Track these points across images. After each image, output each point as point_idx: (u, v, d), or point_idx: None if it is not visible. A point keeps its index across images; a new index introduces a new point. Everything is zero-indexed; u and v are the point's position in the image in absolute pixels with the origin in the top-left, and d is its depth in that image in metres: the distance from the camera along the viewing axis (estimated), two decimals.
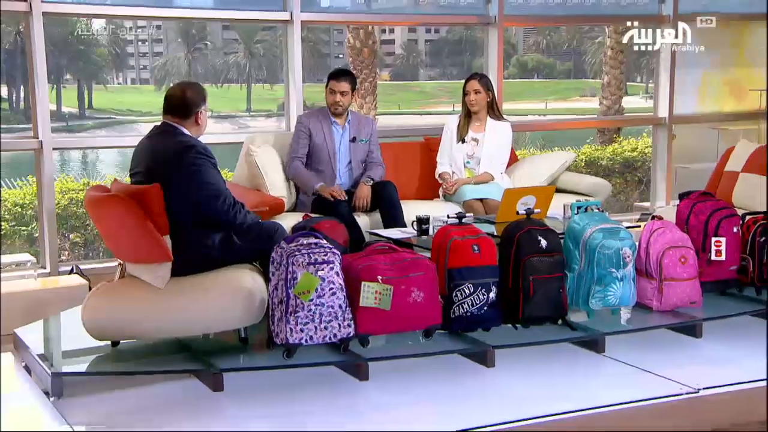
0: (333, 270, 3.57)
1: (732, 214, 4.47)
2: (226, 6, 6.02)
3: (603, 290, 4.07)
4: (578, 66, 31.50)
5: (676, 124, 7.33)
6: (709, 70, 7.54)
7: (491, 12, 6.58)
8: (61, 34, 23.88)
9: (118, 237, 3.88)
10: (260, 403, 3.51)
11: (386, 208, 5.21)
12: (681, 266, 4.19)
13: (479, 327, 3.92)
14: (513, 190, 4.99)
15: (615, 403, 3.51)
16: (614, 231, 4.12)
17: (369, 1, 6.70)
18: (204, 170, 3.83)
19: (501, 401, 3.53)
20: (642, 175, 9.64)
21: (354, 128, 5.49)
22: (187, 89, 3.99)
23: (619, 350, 4.03)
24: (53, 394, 3.54)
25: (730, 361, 3.98)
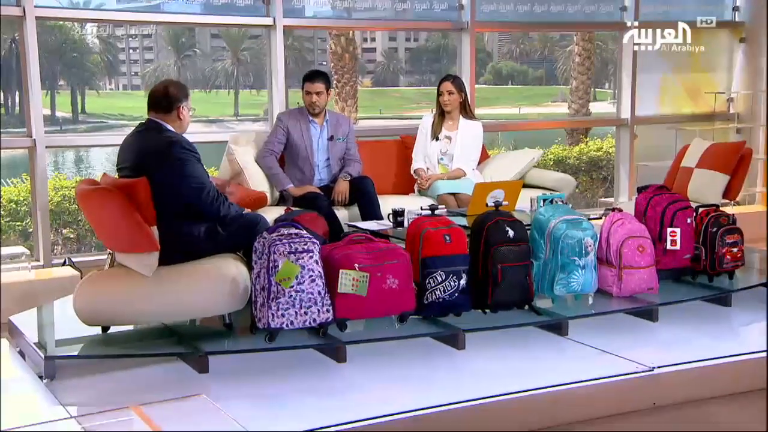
0: (312, 258, 3.59)
1: (686, 207, 4.50)
2: (213, 12, 6.01)
3: (566, 277, 4.11)
4: (550, 73, 31.67)
5: (638, 125, 7.36)
6: (668, 74, 7.58)
7: (464, 18, 6.59)
8: (56, 42, 23.74)
9: (107, 228, 3.87)
10: (244, 385, 3.51)
11: (364, 202, 5.23)
12: (639, 255, 4.22)
13: (451, 312, 3.94)
14: (483, 184, 5.01)
15: (577, 381, 3.53)
16: (577, 222, 4.16)
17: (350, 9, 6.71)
18: (188, 164, 3.82)
19: (471, 381, 3.56)
20: (606, 173, 9.66)
21: (332, 127, 5.49)
22: (169, 86, 4.00)
23: (581, 333, 4.05)
24: (46, 377, 3.55)
25: (683, 342, 4.03)
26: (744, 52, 7.67)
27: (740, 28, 7.64)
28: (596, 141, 10.68)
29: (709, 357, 3.80)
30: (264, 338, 3.61)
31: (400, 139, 6.13)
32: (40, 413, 3.29)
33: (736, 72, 7.74)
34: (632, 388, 3.61)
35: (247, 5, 6.00)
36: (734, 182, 5.75)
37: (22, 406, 3.39)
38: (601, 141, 10.52)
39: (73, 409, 3.28)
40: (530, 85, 32.88)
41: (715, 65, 7.74)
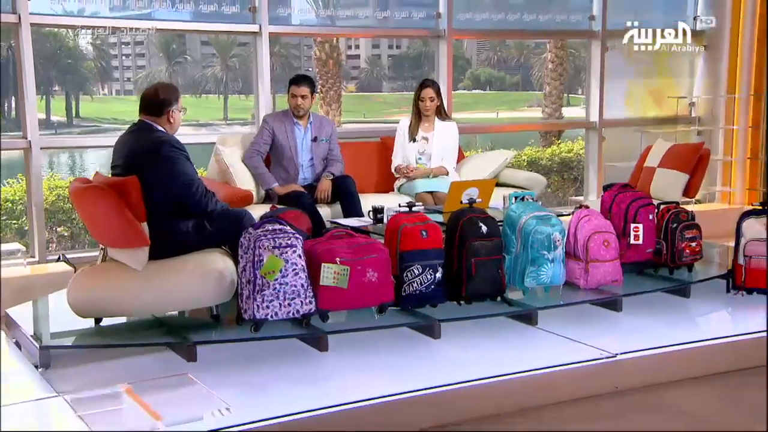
0: (296, 253, 3.60)
1: (648, 204, 4.53)
2: (202, 19, 6.02)
3: (536, 270, 4.14)
4: (525, 79, 31.70)
5: (606, 127, 7.38)
6: (634, 80, 7.63)
7: (441, 26, 6.60)
8: (51, 49, 23.54)
9: (99, 224, 3.87)
10: (230, 373, 3.52)
11: (345, 199, 5.25)
12: (604, 249, 4.25)
13: (427, 303, 3.95)
14: (459, 182, 5.02)
15: (545, 367, 3.58)
16: (546, 218, 4.19)
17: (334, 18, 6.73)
18: (178, 162, 3.82)
19: (446, 368, 3.58)
20: (577, 173, 9.67)
21: (315, 129, 5.50)
22: (160, 89, 3.98)
23: (550, 323, 4.09)
24: (42, 366, 3.55)
25: (644, 330, 4.07)
26: (705, 59, 7.71)
27: (701, 36, 7.66)
28: (567, 143, 10.70)
29: (668, 344, 3.86)
30: (249, 329, 3.62)
31: (380, 141, 6.15)
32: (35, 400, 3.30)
33: (697, 78, 7.78)
34: (596, 373, 3.65)
35: (234, 13, 6.00)
36: (693, 181, 5.82)
37: (18, 394, 3.39)
38: (572, 143, 10.54)
39: (67, 397, 3.27)
40: (507, 90, 32.92)
41: (677, 71, 7.78)
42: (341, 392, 3.29)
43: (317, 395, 3.26)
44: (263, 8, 5.93)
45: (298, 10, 6.66)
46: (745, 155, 7.50)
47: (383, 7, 6.89)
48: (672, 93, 7.68)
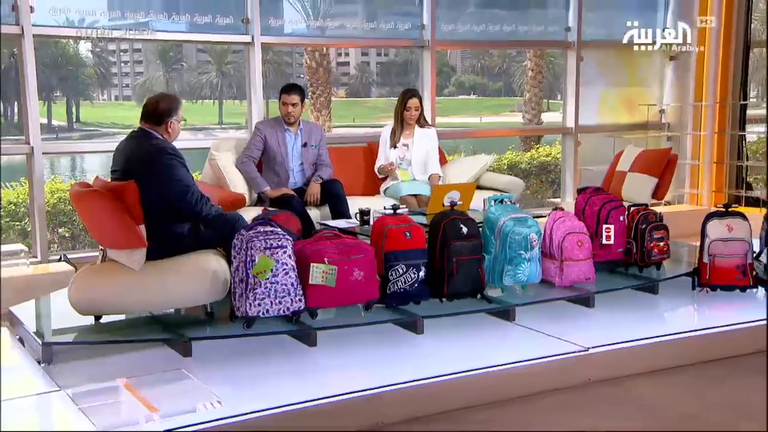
0: (286, 253, 3.61)
1: (619, 206, 4.56)
2: (198, 30, 6.02)
3: (514, 269, 4.16)
4: (507, 85, 31.81)
5: (581, 133, 7.40)
6: (607, 88, 7.65)
7: (425, 37, 6.62)
8: (52, 56, 23.43)
9: (99, 226, 3.86)
10: (224, 367, 3.52)
11: (334, 202, 5.26)
12: (578, 249, 4.28)
13: (411, 301, 3.96)
14: (441, 186, 5.04)
15: (522, 360, 3.59)
16: (523, 220, 4.22)
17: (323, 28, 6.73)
18: (175, 169, 3.82)
19: (428, 362, 3.58)
20: (554, 176, 9.69)
21: (305, 135, 5.51)
22: (161, 101, 3.97)
23: (526, 319, 4.10)
24: (44, 361, 3.54)
25: (615, 325, 4.08)
26: (673, 70, 7.75)
27: (670, 48, 7.58)
28: (545, 147, 10.72)
29: (637, 338, 3.87)
30: (242, 325, 3.63)
31: (366, 146, 6.15)
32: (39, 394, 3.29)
33: (666, 87, 7.82)
34: (570, 366, 3.67)
35: (228, 24, 5.97)
36: (662, 184, 5.85)
37: (22, 388, 3.39)
38: (550, 147, 10.55)
39: (68, 390, 3.28)
40: (490, 96, 33.02)
41: (648, 80, 7.81)
42: (329, 385, 3.29)
43: (305, 388, 3.26)
44: (256, 19, 5.93)
45: (290, 21, 6.64)
46: (711, 159, 7.55)
47: (371, 18, 6.90)
48: (643, 101, 7.73)
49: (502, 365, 3.54)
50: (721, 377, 3.80)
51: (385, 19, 6.83)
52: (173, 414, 2.78)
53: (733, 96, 7.50)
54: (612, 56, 7.62)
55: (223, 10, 5.98)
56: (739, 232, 4.45)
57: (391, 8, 7.04)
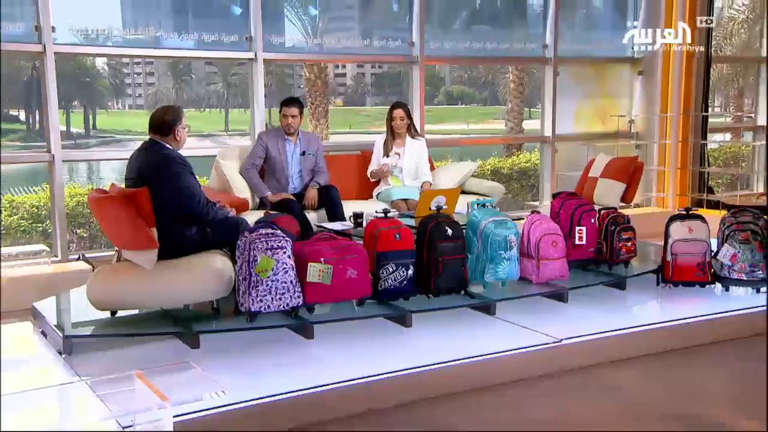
0: (285, 254, 3.62)
1: (590, 209, 4.58)
2: (204, 48, 6.04)
3: (495, 267, 4.18)
4: (493, 95, 31.70)
5: (558, 141, 7.41)
6: (582, 100, 7.66)
7: (415, 53, 6.63)
8: (71, 69, 23.33)
9: (115, 229, 3.88)
10: (228, 358, 3.53)
11: (330, 206, 5.24)
12: (553, 249, 4.31)
13: (400, 297, 3.98)
14: (428, 191, 5.03)
15: (502, 351, 3.61)
16: (503, 222, 4.24)
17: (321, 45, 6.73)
18: (183, 177, 3.84)
19: (416, 352, 3.59)
20: (533, 181, 9.63)
21: (304, 144, 5.50)
22: (166, 113, 3.97)
23: (506, 313, 4.11)
24: (65, 353, 3.56)
25: (586, 319, 4.10)
26: (641, 83, 7.76)
27: (638, 63, 7.74)
28: (526, 154, 10.65)
29: (606, 330, 3.89)
30: (246, 319, 3.65)
31: (360, 154, 6.14)
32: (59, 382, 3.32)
33: (635, 99, 7.82)
34: (544, 355, 3.68)
35: (233, 42, 5.99)
36: (630, 189, 5.86)
37: (44, 376, 3.42)
38: (530, 154, 10.49)
39: (86, 379, 3.29)
40: (477, 105, 33.01)
41: (618, 93, 7.83)
42: (325, 374, 3.30)
43: (303, 377, 3.27)
44: (258, 37, 5.94)
45: (290, 38, 6.66)
46: (676, 165, 7.56)
47: (365, 36, 6.91)
48: (614, 112, 7.74)
49: (484, 355, 3.56)
50: (681, 365, 3.83)
51: (377, 36, 6.85)
52: (182, 402, 2.80)
53: (696, 108, 7.52)
54: (586, 71, 7.65)
55: (229, 29, 6.00)
56: (699, 233, 4.48)
57: (384, 27, 7.07)
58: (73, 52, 5.84)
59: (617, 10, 7.88)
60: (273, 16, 6.52)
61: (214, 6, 6.27)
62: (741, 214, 4.53)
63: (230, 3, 6.25)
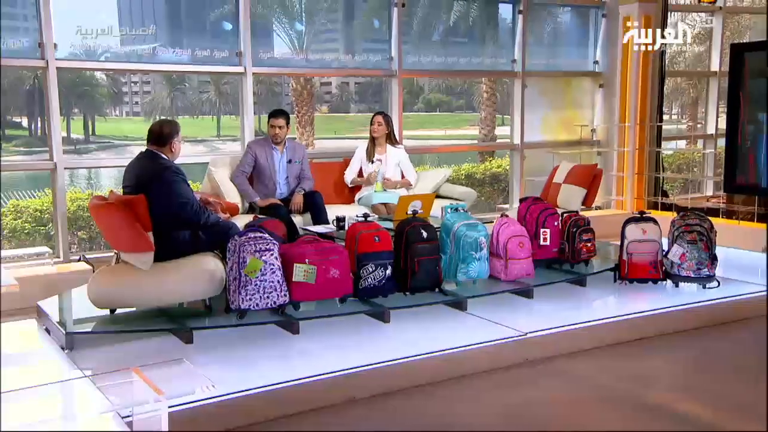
0: (273, 255, 3.63)
1: (554, 213, 4.62)
2: (198, 62, 6.04)
3: (466, 267, 4.21)
4: (469, 103, 31.76)
5: (526, 149, 7.47)
6: (548, 111, 7.70)
7: (393, 67, 6.69)
8: (71, 79, 23.06)
9: (114, 233, 3.88)
10: (220, 352, 3.54)
11: (314, 210, 5.27)
12: (520, 249, 4.33)
13: (379, 294, 3.99)
14: (406, 196, 5.02)
15: (473, 343, 3.64)
16: (474, 225, 4.26)
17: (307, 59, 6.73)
18: (177, 185, 3.83)
19: (394, 346, 3.61)
20: (504, 185, 9.66)
21: (290, 153, 5.51)
22: (164, 125, 3.98)
23: (477, 308, 4.13)
24: (67, 348, 3.55)
25: (550, 313, 4.12)
26: (602, 95, 7.84)
27: (599, 77, 7.82)
28: (497, 160, 10.67)
29: (568, 323, 3.94)
30: (236, 316, 3.65)
31: (343, 161, 6.15)
32: (63, 375, 3.32)
33: (596, 109, 7.90)
34: (511, 348, 3.72)
35: (224, 57, 6.00)
36: (590, 194, 5.91)
37: (48, 370, 3.42)
38: (501, 160, 10.52)
39: (88, 372, 3.29)
40: (453, 112, 33.04)
41: (581, 104, 7.90)
42: (310, 367, 3.31)
43: (289, 369, 3.29)
44: (248, 53, 5.96)
45: (278, 51, 6.67)
46: (633, 171, 7.63)
47: (347, 51, 6.92)
48: (577, 121, 7.81)
49: (456, 348, 3.58)
50: (635, 355, 3.89)
51: (359, 51, 6.88)
52: (176, 395, 2.81)
53: (651, 118, 7.59)
54: (551, 84, 7.70)
55: (220, 45, 6.01)
56: (652, 235, 4.54)
57: (365, 42, 7.10)
58: (74, 67, 5.83)
59: (580, 28, 7.95)
60: (262, 31, 6.53)
61: (207, 23, 6.27)
62: (689, 217, 4.58)
63: (221, 19, 6.26)
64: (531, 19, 7.42)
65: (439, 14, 7.58)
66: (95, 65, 5.62)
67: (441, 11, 7.60)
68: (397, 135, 6.26)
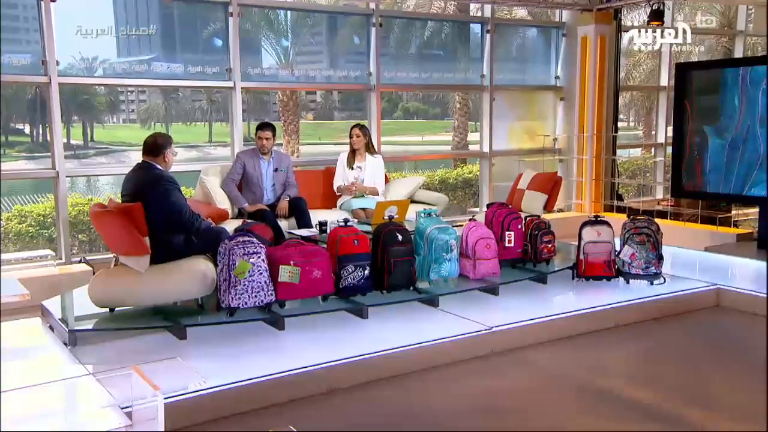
0: (260, 258, 3.64)
1: (518, 217, 4.65)
2: (190, 78, 6.04)
3: (438, 267, 4.25)
4: (444, 111, 31.86)
5: (494, 156, 7.54)
6: (514, 122, 7.79)
7: (372, 82, 6.74)
8: (71, 89, 22.75)
9: (113, 238, 3.88)
10: (211, 347, 3.54)
11: (299, 215, 5.28)
12: (487, 250, 4.36)
13: (358, 293, 4.00)
14: (382, 202, 5.04)
15: (445, 337, 3.68)
16: (445, 229, 4.29)
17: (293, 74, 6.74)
18: (172, 193, 3.84)
19: (372, 340, 3.62)
20: (475, 190, 9.62)
21: (276, 162, 5.51)
22: (158, 138, 3.98)
23: (448, 305, 4.15)
24: (69, 344, 3.55)
25: (514, 308, 4.15)
26: (563, 107, 7.94)
27: (560, 91, 7.92)
28: (469, 166, 10.69)
29: (531, 318, 3.93)
30: (226, 314, 3.66)
31: (325, 169, 6.16)
32: (66, 370, 3.32)
33: (558, 121, 8.00)
34: (479, 340, 3.75)
35: (215, 73, 6.02)
36: (551, 199, 5.96)
37: (52, 365, 3.42)
38: (472, 166, 10.54)
39: (89, 367, 3.30)
40: (430, 119, 33.09)
41: (544, 116, 7.99)
42: (294, 360, 3.32)
43: (276, 362, 3.29)
44: (237, 69, 5.98)
45: (266, 65, 6.70)
46: (591, 177, 7.74)
47: (329, 67, 6.98)
48: (541, 131, 7.90)
49: (429, 341, 3.61)
50: (591, 346, 3.94)
51: (340, 67, 6.91)
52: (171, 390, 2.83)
53: (607, 129, 7.70)
54: (517, 97, 7.79)
55: (211, 62, 6.04)
56: (605, 236, 4.60)
57: (347, 57, 7.13)
58: (75, 82, 5.82)
59: (543, 46, 8.05)
60: (251, 48, 6.54)
61: (199, 40, 6.28)
62: (638, 220, 4.65)
63: (213, 36, 6.27)
64: (498, 38, 7.49)
65: (414, 33, 7.64)
66: (95, 81, 5.61)
67: (416, 30, 7.66)
68: (375, 144, 6.29)
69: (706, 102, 6.15)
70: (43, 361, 3.45)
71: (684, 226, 6.69)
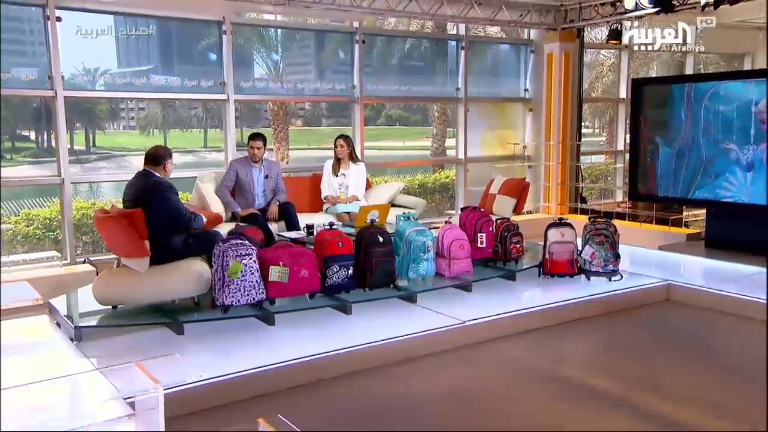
0: (251, 259, 3.66)
1: (489, 219, 4.69)
2: (187, 90, 6.04)
3: (416, 266, 4.28)
4: (424, 118, 31.93)
5: (469, 163, 7.58)
6: (487, 130, 7.84)
7: (356, 94, 6.77)
8: (74, 98, 22.47)
9: (115, 241, 3.88)
10: (207, 342, 3.55)
11: (288, 219, 5.27)
12: (461, 250, 4.41)
13: (343, 291, 4.01)
14: (365, 207, 5.06)
15: (422, 331, 3.70)
16: (422, 231, 4.34)
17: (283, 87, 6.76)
18: (170, 199, 3.86)
19: (355, 334, 3.63)
20: (452, 193, 9.59)
21: (267, 169, 5.51)
22: (159, 149, 4.00)
23: (425, 301, 4.16)
24: (75, 340, 3.56)
25: (485, 304, 4.16)
26: (531, 118, 8.00)
27: (529, 102, 7.99)
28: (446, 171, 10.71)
29: (501, 312, 4.00)
30: (220, 311, 3.68)
31: (312, 176, 6.15)
32: (72, 363, 3.32)
33: (527, 130, 8.05)
34: (454, 333, 3.78)
35: (209, 86, 6.02)
36: (519, 203, 5.98)
37: (60, 359, 3.42)
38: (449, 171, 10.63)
39: (94, 360, 3.31)
40: (411, 126, 33.11)
41: (514, 125, 8.04)
42: (283, 353, 3.33)
43: (267, 355, 3.30)
44: (230, 83, 6.00)
45: (257, 77, 6.72)
46: (557, 181, 7.81)
47: (317, 79, 7.01)
48: (511, 140, 7.96)
49: (408, 335, 3.64)
50: (556, 338, 3.99)
51: (327, 79, 6.93)
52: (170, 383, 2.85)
53: (572, 137, 7.78)
54: (489, 108, 7.83)
55: (206, 76, 6.04)
56: (569, 237, 4.66)
57: (332, 71, 7.17)
58: (81, 96, 5.81)
59: (513, 61, 8.12)
60: (243, 61, 6.56)
61: (195, 56, 6.29)
62: (597, 222, 4.72)
63: (208, 51, 6.28)
64: (472, 54, 7.54)
65: (395, 49, 7.70)
66: (98, 94, 5.60)
67: (396, 46, 7.72)
68: (358, 152, 6.31)
69: (657, 115, 6.29)
70: (50, 355, 3.46)
71: (640, 226, 6.81)
